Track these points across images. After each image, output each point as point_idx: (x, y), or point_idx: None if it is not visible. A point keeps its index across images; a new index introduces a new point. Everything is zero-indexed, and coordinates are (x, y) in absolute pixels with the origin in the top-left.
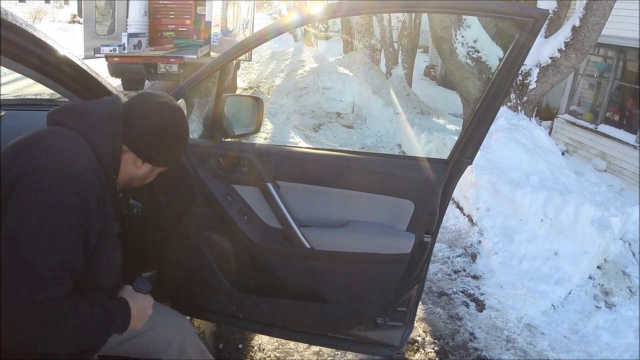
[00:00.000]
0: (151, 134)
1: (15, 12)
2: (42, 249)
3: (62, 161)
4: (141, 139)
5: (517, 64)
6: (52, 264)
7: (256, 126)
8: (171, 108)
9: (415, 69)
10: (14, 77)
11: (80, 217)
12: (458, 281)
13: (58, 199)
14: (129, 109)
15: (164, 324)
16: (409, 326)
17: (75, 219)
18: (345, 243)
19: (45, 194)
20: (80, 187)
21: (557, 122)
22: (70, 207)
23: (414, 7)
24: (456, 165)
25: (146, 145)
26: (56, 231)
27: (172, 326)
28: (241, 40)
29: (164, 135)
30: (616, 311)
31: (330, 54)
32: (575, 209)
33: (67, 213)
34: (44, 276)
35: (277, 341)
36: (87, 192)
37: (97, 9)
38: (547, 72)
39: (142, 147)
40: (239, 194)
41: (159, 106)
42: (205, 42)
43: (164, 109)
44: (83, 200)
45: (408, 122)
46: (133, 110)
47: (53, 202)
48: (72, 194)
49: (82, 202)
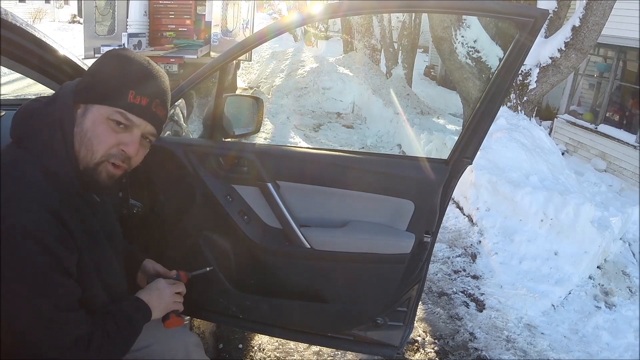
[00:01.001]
0: (85, 75)
1: (15, 12)
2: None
3: (9, 219)
4: (77, 87)
5: (517, 64)
6: (47, 308)
7: (256, 126)
8: (110, 52)
9: (415, 69)
10: (14, 77)
11: (45, 263)
12: (458, 281)
13: (17, 257)
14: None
15: (169, 337)
16: (409, 326)
17: (42, 267)
18: (345, 243)
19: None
20: (32, 240)
21: (557, 122)
22: (30, 257)
23: (414, 7)
24: (456, 165)
25: (82, 85)
26: (30, 282)
27: (178, 340)
28: (241, 40)
29: (96, 65)
30: (616, 311)
31: (330, 54)
32: (575, 209)
33: (33, 264)
34: (55, 321)
35: (277, 341)
36: (42, 240)
37: (97, 9)
38: (547, 72)
39: (79, 88)
40: (239, 194)
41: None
42: (205, 42)
43: (102, 56)
44: (40, 250)
45: (408, 122)
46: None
47: (9, 259)
48: (25, 250)
49: (40, 252)
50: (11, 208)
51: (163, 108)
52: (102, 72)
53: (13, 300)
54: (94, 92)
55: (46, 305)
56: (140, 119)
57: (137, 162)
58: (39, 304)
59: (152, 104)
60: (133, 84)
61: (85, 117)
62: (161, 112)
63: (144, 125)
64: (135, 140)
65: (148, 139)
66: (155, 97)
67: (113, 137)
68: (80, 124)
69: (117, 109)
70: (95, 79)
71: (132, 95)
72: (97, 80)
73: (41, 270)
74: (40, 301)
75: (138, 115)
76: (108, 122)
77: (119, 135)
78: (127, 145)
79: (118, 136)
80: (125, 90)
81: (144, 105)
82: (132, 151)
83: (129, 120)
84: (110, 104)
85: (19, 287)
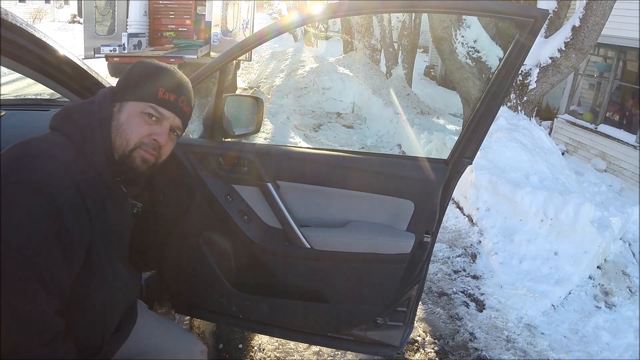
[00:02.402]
0: (120, 79)
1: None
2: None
3: (28, 173)
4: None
5: (517, 64)
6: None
7: (256, 126)
8: (140, 60)
9: (415, 69)
10: (14, 77)
11: (51, 227)
12: (458, 281)
13: (21, 212)
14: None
15: (173, 344)
16: (409, 326)
17: (45, 230)
18: (345, 243)
19: (7, 208)
20: (45, 198)
21: (557, 122)
22: (36, 218)
23: (414, 7)
24: (456, 165)
25: (117, 87)
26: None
27: (183, 348)
28: (241, 40)
29: (129, 71)
30: (616, 311)
31: (330, 54)
32: (575, 209)
33: (34, 225)
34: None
35: (277, 341)
36: (56, 201)
37: (97, 9)
38: (547, 72)
39: (115, 90)
40: (239, 194)
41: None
42: (205, 42)
43: (134, 63)
44: (51, 211)
45: (408, 122)
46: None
47: (16, 215)
48: (35, 205)
49: (50, 213)
50: (35, 167)
51: (188, 105)
52: (134, 75)
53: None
54: (129, 91)
55: (29, 272)
56: (169, 112)
57: (165, 154)
58: (23, 268)
59: (179, 100)
60: (162, 83)
61: (121, 112)
62: (186, 108)
63: (173, 118)
64: (165, 131)
65: (175, 132)
66: (181, 95)
67: (146, 128)
68: (117, 118)
69: (149, 104)
70: (129, 81)
71: (162, 91)
72: (131, 81)
73: (41, 233)
74: (25, 265)
75: (167, 108)
76: (141, 115)
77: (151, 126)
78: (158, 135)
79: (150, 127)
80: (155, 88)
81: (172, 101)
82: (163, 140)
83: (159, 113)
84: (143, 100)
85: (10, 240)
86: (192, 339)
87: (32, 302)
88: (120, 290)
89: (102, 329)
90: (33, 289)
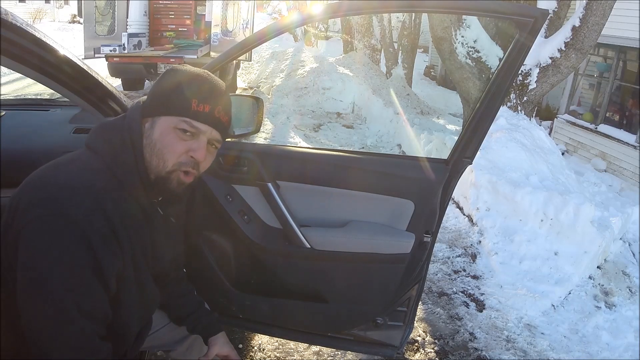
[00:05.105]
0: (150, 92)
1: (15, 12)
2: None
3: (57, 206)
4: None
5: (517, 64)
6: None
7: (256, 126)
8: (169, 69)
9: (415, 69)
10: (14, 77)
11: (84, 259)
12: (458, 281)
13: (53, 245)
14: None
15: (174, 344)
16: (409, 326)
17: (79, 262)
18: (345, 243)
19: (41, 241)
20: (75, 232)
21: (557, 122)
22: (67, 252)
23: (414, 7)
24: (456, 165)
25: (147, 101)
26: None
27: (183, 348)
28: (241, 40)
29: (159, 81)
30: (616, 311)
31: (330, 54)
32: (575, 209)
33: (70, 256)
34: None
35: (277, 341)
36: (85, 233)
37: (97, 9)
38: (547, 72)
39: (145, 104)
40: (239, 194)
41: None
42: (205, 42)
43: (163, 73)
44: (82, 243)
45: (408, 122)
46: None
47: (49, 248)
48: (66, 238)
49: (81, 245)
50: (63, 198)
51: (225, 114)
52: (164, 86)
53: (37, 289)
54: (159, 105)
55: (70, 302)
56: (205, 125)
57: (205, 168)
58: (63, 298)
59: (215, 111)
60: (195, 94)
61: (153, 129)
62: (224, 117)
63: (209, 131)
64: (202, 146)
65: (214, 145)
66: (217, 104)
67: (182, 145)
68: (149, 135)
69: (182, 118)
70: (159, 93)
71: (195, 103)
72: (161, 93)
73: (76, 263)
74: (64, 295)
75: (203, 121)
76: (175, 131)
77: (187, 142)
78: (195, 151)
79: (186, 144)
80: (188, 99)
81: (207, 112)
82: (201, 156)
83: (194, 127)
84: (175, 114)
85: (47, 274)
86: (193, 339)
87: (78, 333)
88: (144, 305)
89: (124, 344)
90: (75, 319)
